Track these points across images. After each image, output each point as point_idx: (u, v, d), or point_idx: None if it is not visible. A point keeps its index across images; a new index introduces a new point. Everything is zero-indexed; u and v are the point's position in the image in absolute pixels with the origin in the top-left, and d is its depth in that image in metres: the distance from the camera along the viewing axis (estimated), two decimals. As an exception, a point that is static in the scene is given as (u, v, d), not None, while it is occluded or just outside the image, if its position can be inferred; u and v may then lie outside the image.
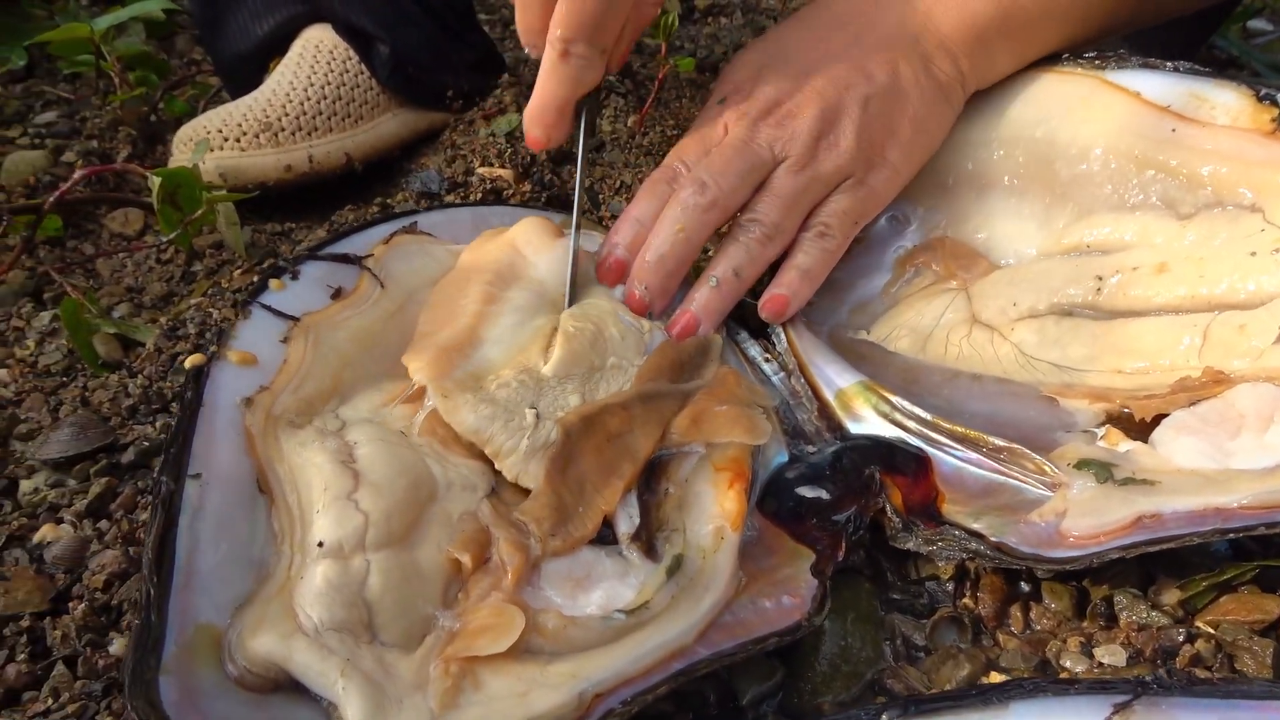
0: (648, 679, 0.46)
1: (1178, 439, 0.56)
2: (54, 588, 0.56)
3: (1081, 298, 0.65)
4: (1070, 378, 0.63)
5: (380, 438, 0.54)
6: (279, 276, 0.62)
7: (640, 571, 0.51)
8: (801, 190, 0.65)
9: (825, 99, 0.64)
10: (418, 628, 0.47)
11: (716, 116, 0.67)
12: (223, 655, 0.45)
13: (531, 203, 0.89)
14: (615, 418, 0.56)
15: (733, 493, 0.54)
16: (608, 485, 0.53)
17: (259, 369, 0.57)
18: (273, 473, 0.52)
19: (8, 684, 0.51)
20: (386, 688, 0.44)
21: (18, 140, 1.03)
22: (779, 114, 0.65)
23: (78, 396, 0.70)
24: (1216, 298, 0.61)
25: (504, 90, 1.01)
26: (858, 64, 0.65)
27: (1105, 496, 0.53)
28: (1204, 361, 0.60)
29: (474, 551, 0.50)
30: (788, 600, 0.51)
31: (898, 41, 0.65)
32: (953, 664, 0.51)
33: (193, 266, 0.86)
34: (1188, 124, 0.65)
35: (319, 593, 0.46)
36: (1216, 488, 0.52)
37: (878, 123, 0.65)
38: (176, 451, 0.51)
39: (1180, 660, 0.50)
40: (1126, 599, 0.53)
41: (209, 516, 0.50)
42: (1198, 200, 0.64)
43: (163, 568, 0.47)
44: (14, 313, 0.81)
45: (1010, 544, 0.53)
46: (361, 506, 0.50)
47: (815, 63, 0.66)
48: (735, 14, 1.39)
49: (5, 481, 0.63)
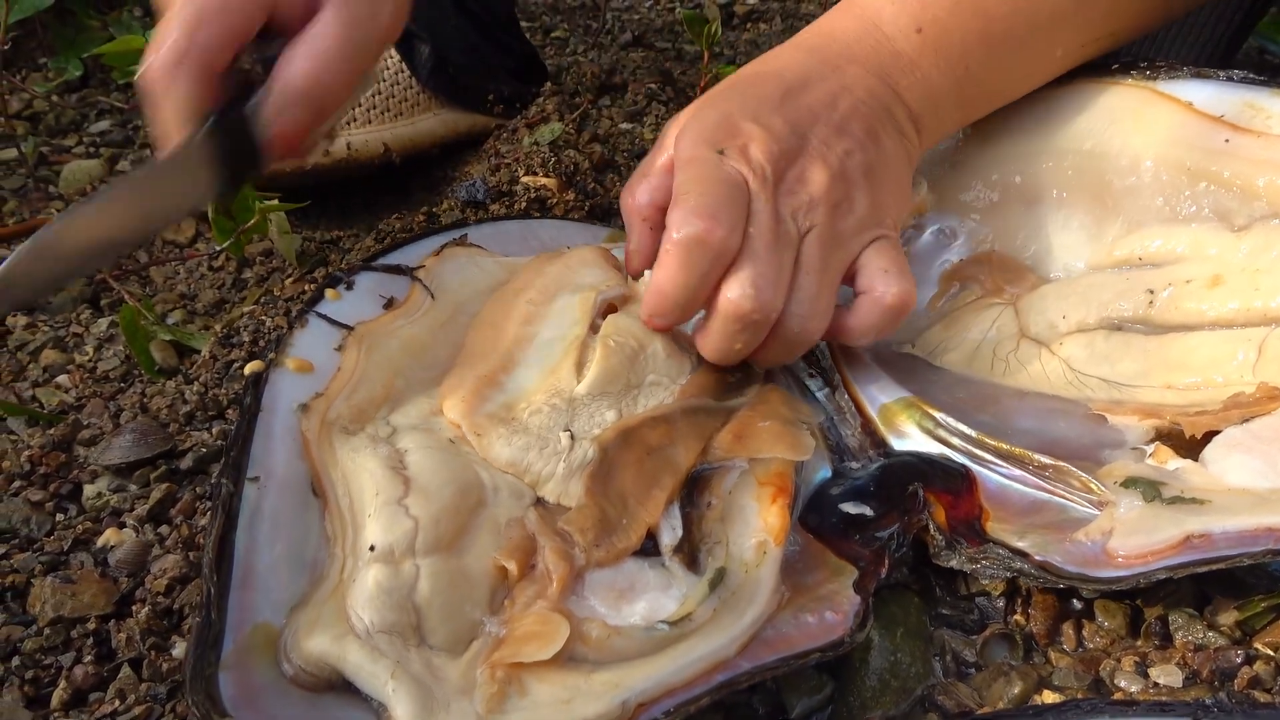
0: (690, 690, 0.46)
1: (1229, 456, 0.55)
2: (118, 591, 0.57)
3: (1132, 312, 0.64)
4: (1120, 394, 0.62)
5: (430, 445, 0.55)
6: (335, 286, 0.63)
7: (683, 583, 0.52)
8: (832, 257, 0.61)
9: (829, 166, 0.60)
10: (465, 632, 0.48)
11: (722, 163, 0.59)
12: (279, 654, 0.46)
13: (575, 211, 0.90)
14: (656, 431, 0.57)
15: (775, 507, 0.54)
16: (649, 497, 0.54)
17: (315, 376, 0.58)
18: (326, 477, 0.53)
19: (76, 686, 0.53)
20: (434, 690, 0.45)
21: (74, 149, 1.05)
22: (788, 181, 0.60)
23: (137, 403, 0.72)
24: (1272, 311, 0.60)
25: (546, 99, 1.02)
26: (840, 130, 0.62)
27: (1153, 515, 0.52)
28: (1258, 377, 0.59)
29: (520, 559, 0.51)
30: (830, 616, 0.51)
31: (875, 110, 0.63)
32: (1004, 681, 0.51)
33: (243, 274, 0.88)
34: (1242, 134, 0.64)
35: (370, 596, 0.47)
36: (1269, 507, 0.51)
37: (876, 193, 0.63)
38: (236, 454, 0.53)
39: (1239, 682, 0.49)
40: (1182, 619, 0.53)
41: (266, 518, 0.51)
42: (1253, 212, 0.63)
43: (222, 567, 0.48)
44: (73, 319, 0.83)
45: (1055, 563, 0.52)
46: (411, 512, 0.50)
47: (803, 123, 0.61)
48: (775, 20, 1.39)
49: (70, 486, 0.65)
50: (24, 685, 0.53)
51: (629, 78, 1.08)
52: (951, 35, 0.65)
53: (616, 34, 1.29)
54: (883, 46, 0.66)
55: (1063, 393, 0.63)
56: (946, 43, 0.65)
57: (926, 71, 0.65)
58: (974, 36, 0.66)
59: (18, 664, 0.54)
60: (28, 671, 0.53)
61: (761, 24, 1.38)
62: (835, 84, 0.63)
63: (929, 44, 0.65)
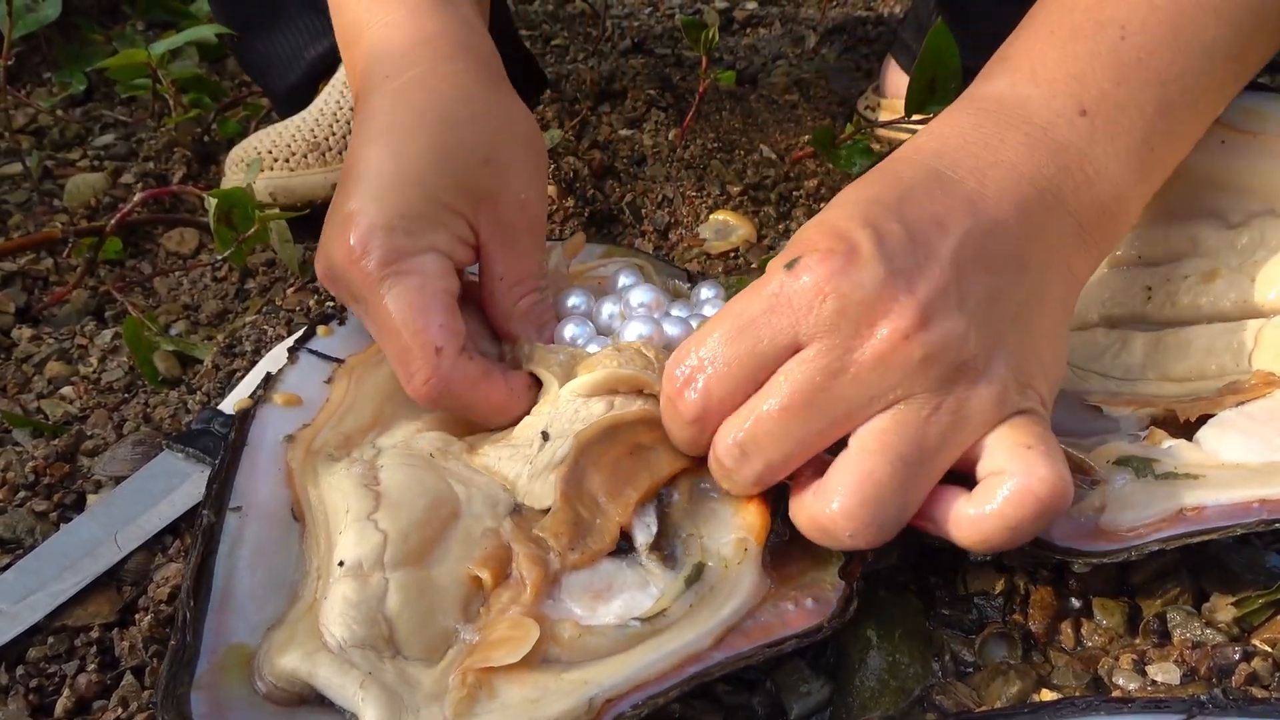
0: (660, 683, 0.46)
1: (1223, 436, 0.55)
2: (121, 600, 0.58)
3: (1130, 309, 0.64)
4: (1117, 386, 0.62)
5: (405, 461, 0.55)
6: (327, 323, 0.64)
7: (660, 581, 0.51)
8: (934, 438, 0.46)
9: (965, 309, 0.45)
10: (440, 641, 0.49)
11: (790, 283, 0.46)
12: (252, 673, 0.47)
13: (574, 218, 0.91)
14: (651, 431, 0.55)
15: (755, 506, 0.53)
16: (621, 496, 0.53)
17: (303, 408, 0.59)
18: (306, 500, 0.54)
19: (79, 694, 0.53)
20: (405, 698, 0.45)
21: (78, 162, 1.06)
22: (928, 333, 0.45)
23: (140, 413, 0.73)
24: (1269, 303, 0.61)
25: (546, 106, 1.03)
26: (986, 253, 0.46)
27: (1146, 490, 0.52)
28: (1255, 366, 0.59)
29: (493, 568, 0.51)
30: (811, 603, 0.51)
31: (1028, 231, 0.48)
32: (1002, 680, 0.51)
33: (246, 284, 0.89)
34: (1238, 134, 0.64)
35: (339, 612, 0.48)
36: (1261, 480, 0.51)
37: (1027, 349, 0.48)
38: (219, 488, 0.54)
39: (1236, 679, 0.49)
40: (1180, 616, 0.53)
41: (248, 544, 0.52)
42: (1248, 209, 0.63)
43: (200, 592, 0.49)
44: (78, 331, 0.84)
45: (1046, 537, 0.52)
46: (380, 526, 0.51)
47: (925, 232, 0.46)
48: (774, 25, 1.39)
49: (74, 496, 0.66)
50: (28, 694, 0.53)
51: (629, 84, 1.09)
52: (1127, 112, 0.50)
53: (616, 41, 1.30)
54: (1039, 140, 0.49)
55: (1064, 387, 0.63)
56: (1124, 124, 0.50)
57: (1102, 165, 0.50)
58: (1153, 108, 0.51)
59: (22, 673, 0.54)
60: (32, 680, 0.54)
61: (761, 29, 1.39)
62: (974, 192, 0.48)
63: (1101, 128, 0.50)
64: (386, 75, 0.58)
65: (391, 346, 0.55)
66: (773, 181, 0.97)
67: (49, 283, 0.90)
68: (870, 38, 1.33)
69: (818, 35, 1.33)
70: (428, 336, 0.54)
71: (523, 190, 0.58)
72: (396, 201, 0.54)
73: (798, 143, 1.03)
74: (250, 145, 0.90)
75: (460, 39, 0.60)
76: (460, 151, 0.56)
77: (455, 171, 0.56)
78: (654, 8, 1.46)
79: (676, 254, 0.89)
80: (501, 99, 0.60)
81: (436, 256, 0.55)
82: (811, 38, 1.33)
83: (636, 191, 0.95)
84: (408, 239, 0.54)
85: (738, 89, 1.12)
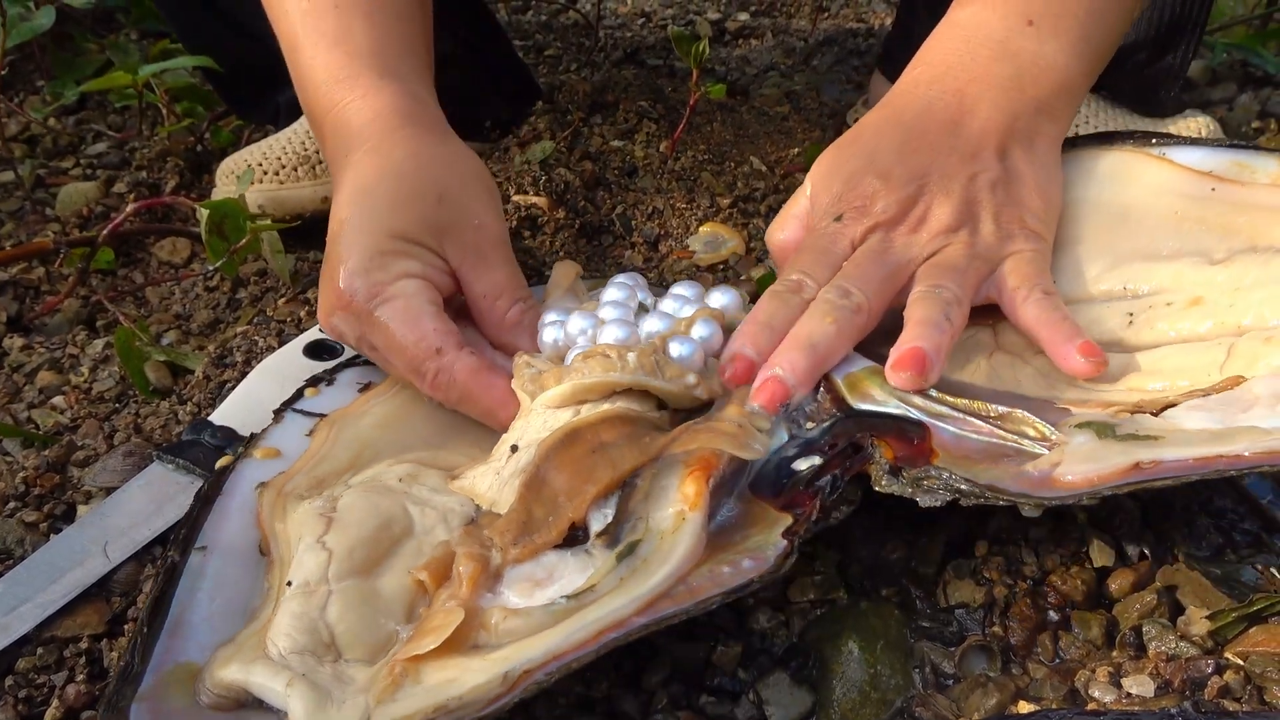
0: (578, 652, 0.47)
1: (1189, 415, 0.56)
2: (111, 610, 0.58)
3: (1110, 334, 0.65)
4: (1088, 394, 0.63)
5: (363, 490, 0.57)
6: (315, 385, 0.67)
7: (599, 561, 0.52)
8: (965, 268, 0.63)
9: (952, 196, 0.63)
10: (382, 643, 0.50)
11: (836, 233, 0.64)
12: (197, 686, 0.49)
13: (565, 229, 0.91)
14: (615, 428, 0.56)
15: (692, 478, 0.54)
16: (579, 493, 0.54)
17: (281, 460, 0.61)
18: (273, 535, 0.56)
19: (68, 704, 0.54)
20: (334, 692, 0.47)
21: (71, 171, 1.07)
22: (910, 221, 0.64)
23: (131, 424, 0.73)
24: (1244, 327, 0.61)
25: (538, 118, 1.04)
26: (967, 155, 0.64)
27: (1104, 447, 0.53)
28: (1226, 375, 0.60)
29: (435, 570, 0.52)
30: (749, 563, 0.51)
31: (998, 124, 0.64)
32: (981, 692, 0.52)
33: (237, 294, 0.89)
34: (1227, 183, 0.67)
35: (285, 626, 0.49)
36: (1223, 441, 0.52)
37: (1007, 207, 0.64)
38: (187, 532, 0.55)
39: (1209, 691, 0.50)
40: (1156, 629, 0.54)
41: (209, 578, 0.54)
42: (1232, 247, 0.65)
43: (155, 620, 0.51)
44: (69, 340, 0.84)
45: (1000, 485, 0.53)
46: (327, 545, 0.53)
47: (923, 165, 0.64)
48: (766, 36, 1.40)
49: (64, 507, 0.66)
50: (18, 704, 0.54)
51: (620, 95, 1.10)
52: (1064, 18, 0.66)
53: (609, 51, 1.30)
54: (1000, 52, 0.66)
55: (1032, 395, 0.63)
56: (1063, 25, 0.66)
57: (1051, 59, 0.66)
58: (1083, 10, 0.66)
59: (11, 683, 0.55)
60: (21, 690, 0.54)
61: (753, 40, 1.40)
62: (956, 110, 0.65)
63: (1045, 32, 0.66)
64: (347, 152, 0.68)
65: (400, 360, 0.62)
66: (763, 194, 0.98)
67: (40, 292, 0.90)
68: (861, 50, 1.34)
69: (809, 47, 1.34)
70: (427, 342, 0.61)
71: (476, 216, 0.67)
72: (367, 245, 0.63)
73: (788, 155, 1.04)
74: (241, 158, 0.91)
75: (404, 109, 0.68)
76: (414, 196, 0.65)
77: (414, 211, 0.65)
78: (646, 19, 1.47)
79: (666, 265, 0.90)
80: (445, 147, 0.69)
81: (411, 280, 0.63)
82: (802, 49, 1.34)
83: (627, 203, 0.96)
84: (383, 273, 0.63)
85: (729, 100, 1.12)
